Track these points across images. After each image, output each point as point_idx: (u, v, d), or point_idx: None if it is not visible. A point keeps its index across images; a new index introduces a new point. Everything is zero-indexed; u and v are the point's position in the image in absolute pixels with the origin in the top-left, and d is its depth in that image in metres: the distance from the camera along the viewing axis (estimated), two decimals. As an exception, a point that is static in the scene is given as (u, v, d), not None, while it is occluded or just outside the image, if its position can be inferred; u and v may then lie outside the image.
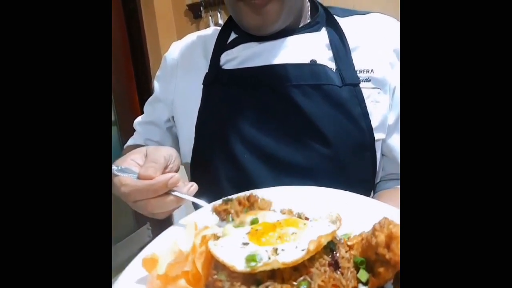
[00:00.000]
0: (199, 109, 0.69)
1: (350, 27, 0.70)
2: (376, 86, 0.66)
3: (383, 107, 0.66)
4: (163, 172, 0.50)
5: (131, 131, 0.87)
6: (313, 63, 0.66)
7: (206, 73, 0.70)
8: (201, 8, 2.06)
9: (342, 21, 0.71)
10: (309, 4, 0.74)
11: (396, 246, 0.30)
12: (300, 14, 0.71)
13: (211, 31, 0.78)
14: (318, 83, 0.64)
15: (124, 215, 2.13)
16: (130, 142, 0.84)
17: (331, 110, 0.63)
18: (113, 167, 0.51)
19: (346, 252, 0.34)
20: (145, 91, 2.09)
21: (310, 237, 0.32)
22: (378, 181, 0.71)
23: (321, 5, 0.75)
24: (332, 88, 0.64)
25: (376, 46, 0.68)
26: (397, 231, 0.32)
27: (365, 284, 0.32)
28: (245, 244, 0.33)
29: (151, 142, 0.80)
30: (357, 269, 0.33)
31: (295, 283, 0.28)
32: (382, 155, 0.69)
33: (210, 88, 0.70)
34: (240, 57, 0.69)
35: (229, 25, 0.74)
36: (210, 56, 0.73)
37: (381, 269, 0.31)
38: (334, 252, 0.33)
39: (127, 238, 2.27)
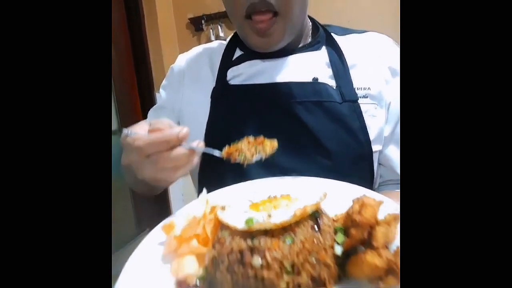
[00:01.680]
0: (208, 121, 0.72)
1: (348, 45, 0.75)
2: (373, 102, 0.70)
3: (379, 121, 0.70)
4: None
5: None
6: (315, 81, 0.70)
7: (214, 87, 0.74)
8: (203, 21, 2.14)
9: (340, 40, 0.76)
10: (310, 24, 0.79)
11: (365, 211, 0.37)
12: (302, 34, 0.76)
13: (216, 45, 0.82)
14: (320, 100, 0.68)
15: (125, 221, 2.16)
16: None
17: (332, 125, 0.67)
18: (124, 130, 0.51)
19: (329, 222, 0.42)
20: (148, 101, 2.16)
21: (299, 207, 0.39)
22: (376, 187, 0.75)
23: (321, 25, 0.80)
24: (333, 104, 0.68)
25: (372, 64, 0.73)
26: (368, 200, 0.39)
27: (340, 245, 0.39)
28: (246, 212, 0.40)
29: None
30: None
31: (281, 237, 0.36)
32: (379, 164, 0.73)
33: (217, 102, 0.73)
34: (245, 73, 0.73)
35: (234, 41, 0.79)
36: (216, 69, 0.76)
37: (353, 231, 0.38)
38: (318, 219, 0.40)
39: (128, 245, 2.29)
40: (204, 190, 0.53)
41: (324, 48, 0.74)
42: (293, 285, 0.34)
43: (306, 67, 0.71)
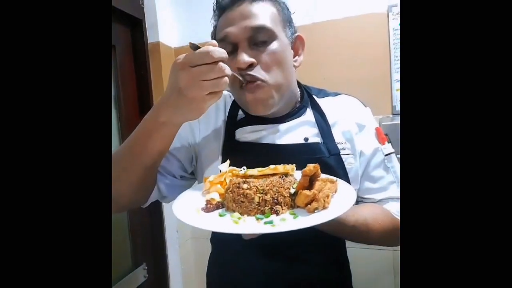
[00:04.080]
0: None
1: (327, 107, 0.93)
2: (350, 153, 0.89)
3: (355, 166, 0.90)
4: None
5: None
6: (306, 141, 0.87)
7: (224, 143, 0.91)
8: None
9: (320, 101, 0.94)
10: (299, 91, 0.96)
11: (310, 170, 0.67)
12: (292, 100, 0.93)
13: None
14: (314, 156, 0.85)
15: (122, 256, 2.23)
16: None
17: (323, 173, 0.79)
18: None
19: (291, 178, 0.72)
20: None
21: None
22: None
23: (306, 90, 0.98)
24: (323, 158, 0.85)
25: (345, 122, 0.91)
26: (306, 169, 0.68)
27: (294, 188, 0.68)
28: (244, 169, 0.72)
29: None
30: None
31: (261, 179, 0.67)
32: (358, 196, 0.93)
33: (228, 156, 0.86)
34: (251, 135, 0.89)
35: (236, 103, 0.94)
36: (222, 112, 0.95)
37: (301, 179, 0.68)
38: (285, 176, 0.70)
39: (124, 279, 2.32)
40: (228, 161, 0.78)
41: (309, 110, 0.93)
42: (262, 199, 0.64)
43: (298, 131, 0.89)
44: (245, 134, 0.90)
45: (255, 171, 0.68)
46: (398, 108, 2.06)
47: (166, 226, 2.37)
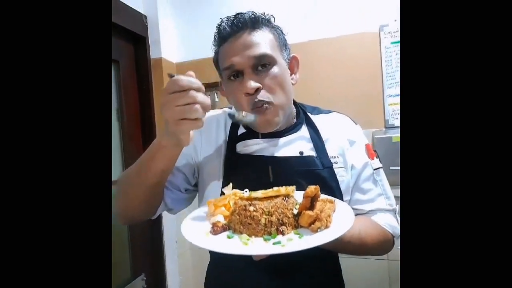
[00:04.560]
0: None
1: (321, 123, 1.01)
2: (342, 166, 0.96)
3: (347, 179, 0.96)
4: None
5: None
6: (301, 154, 0.94)
7: (226, 156, 0.96)
8: (201, 89, 2.56)
9: (314, 119, 1.02)
10: (295, 109, 1.04)
11: (311, 192, 0.71)
12: (289, 117, 0.99)
13: (221, 111, 1.08)
14: (309, 168, 0.92)
15: (121, 265, 2.26)
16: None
17: (317, 184, 0.83)
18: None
19: (293, 199, 0.75)
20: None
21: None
22: None
23: (301, 108, 1.06)
24: (317, 170, 0.92)
25: (337, 138, 0.99)
26: (307, 190, 0.72)
27: (296, 209, 0.72)
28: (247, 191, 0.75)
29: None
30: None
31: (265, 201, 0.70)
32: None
33: (230, 168, 0.94)
34: (251, 148, 0.96)
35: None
36: (222, 130, 1.00)
37: (303, 201, 0.72)
38: (287, 197, 0.74)
39: None
40: (230, 184, 0.82)
41: (304, 126, 1.01)
42: (268, 221, 0.67)
43: (294, 145, 0.96)
44: (246, 147, 0.96)
45: (259, 194, 0.71)
46: (390, 122, 2.13)
47: (165, 237, 2.41)
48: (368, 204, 0.98)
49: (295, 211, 0.72)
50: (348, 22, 2.21)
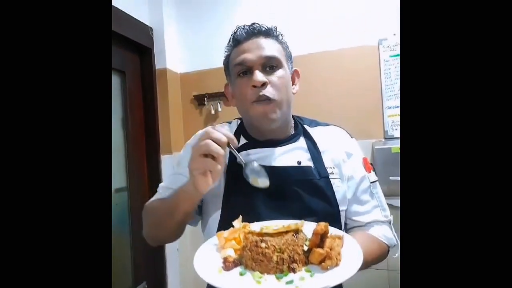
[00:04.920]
0: (224, 193, 0.97)
1: (318, 135, 1.04)
2: (338, 177, 0.99)
3: (342, 189, 0.99)
4: None
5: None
6: (299, 164, 0.97)
7: (228, 166, 0.97)
8: (205, 98, 2.54)
9: (311, 131, 1.06)
10: (293, 120, 1.08)
11: (321, 228, 0.72)
12: (287, 127, 1.04)
13: (222, 126, 1.01)
14: (306, 178, 0.95)
15: (122, 274, 2.27)
16: (153, 199, 1.06)
17: (315, 194, 0.93)
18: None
19: (303, 235, 0.76)
20: (154, 162, 2.46)
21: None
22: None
23: (299, 121, 1.10)
24: (314, 180, 0.95)
25: (334, 150, 1.02)
26: (317, 227, 0.73)
27: (307, 245, 0.73)
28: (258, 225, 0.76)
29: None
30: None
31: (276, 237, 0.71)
32: (346, 217, 1.03)
33: (232, 179, 0.97)
34: (250, 157, 0.98)
35: (238, 131, 1.07)
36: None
37: (313, 237, 0.72)
38: (297, 233, 0.75)
39: None
40: (240, 217, 0.82)
41: (302, 138, 1.05)
42: (280, 258, 0.68)
43: (292, 155, 1.00)
44: (246, 157, 0.99)
45: (270, 229, 0.73)
46: (390, 133, 2.15)
47: (167, 245, 2.42)
48: (366, 216, 1.02)
49: (305, 248, 0.73)
50: (348, 36, 2.24)
